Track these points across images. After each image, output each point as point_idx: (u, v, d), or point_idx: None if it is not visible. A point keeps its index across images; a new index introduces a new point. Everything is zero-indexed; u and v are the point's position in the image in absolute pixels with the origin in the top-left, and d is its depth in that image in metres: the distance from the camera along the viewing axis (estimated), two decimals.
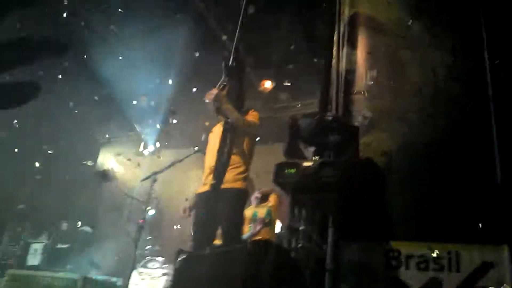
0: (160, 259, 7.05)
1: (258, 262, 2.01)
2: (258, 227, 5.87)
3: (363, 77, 3.68)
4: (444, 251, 2.71)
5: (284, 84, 8.34)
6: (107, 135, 11.31)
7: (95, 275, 6.47)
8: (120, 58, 7.92)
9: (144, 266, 6.94)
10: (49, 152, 10.03)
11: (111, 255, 7.51)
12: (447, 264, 2.69)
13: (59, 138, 9.87)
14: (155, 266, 6.94)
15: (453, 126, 3.12)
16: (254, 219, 6.04)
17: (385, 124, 3.40)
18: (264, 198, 6.27)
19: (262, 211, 6.08)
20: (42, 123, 9.30)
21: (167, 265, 6.88)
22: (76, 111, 9.46)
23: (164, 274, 6.76)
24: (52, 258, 6.68)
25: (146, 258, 7.10)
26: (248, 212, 5.94)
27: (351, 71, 3.76)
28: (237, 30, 4.16)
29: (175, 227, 8.53)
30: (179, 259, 2.53)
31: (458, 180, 2.91)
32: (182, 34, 6.87)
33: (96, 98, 9.05)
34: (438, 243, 2.73)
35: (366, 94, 3.54)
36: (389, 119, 3.41)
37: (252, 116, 4.11)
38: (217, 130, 4.12)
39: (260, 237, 5.75)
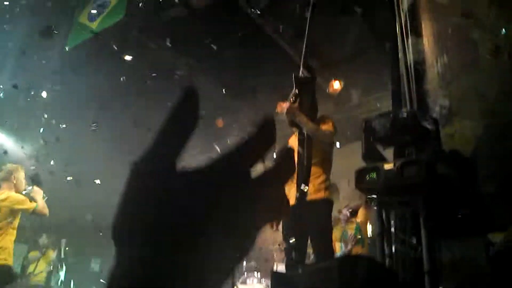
0: (257, 274, 7.14)
1: (352, 279, 1.98)
2: (350, 246, 5.68)
3: (433, 64, 3.53)
4: None
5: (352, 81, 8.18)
6: None
7: None
8: None
9: (243, 282, 7.06)
10: None
11: None
12: None
13: None
14: (254, 282, 7.04)
15: None
16: (344, 238, 5.87)
17: (465, 109, 3.22)
18: (353, 214, 6.02)
19: (351, 228, 5.88)
20: None
21: (264, 279, 6.95)
22: None
23: None
24: None
25: (244, 274, 7.21)
26: (337, 231, 5.79)
27: (420, 61, 3.61)
28: (304, 42, 4.07)
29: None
30: (274, 281, 2.55)
31: None
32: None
33: None
34: None
35: (439, 82, 3.39)
36: (469, 104, 3.23)
37: (327, 124, 4.03)
38: (293, 142, 4.10)
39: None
